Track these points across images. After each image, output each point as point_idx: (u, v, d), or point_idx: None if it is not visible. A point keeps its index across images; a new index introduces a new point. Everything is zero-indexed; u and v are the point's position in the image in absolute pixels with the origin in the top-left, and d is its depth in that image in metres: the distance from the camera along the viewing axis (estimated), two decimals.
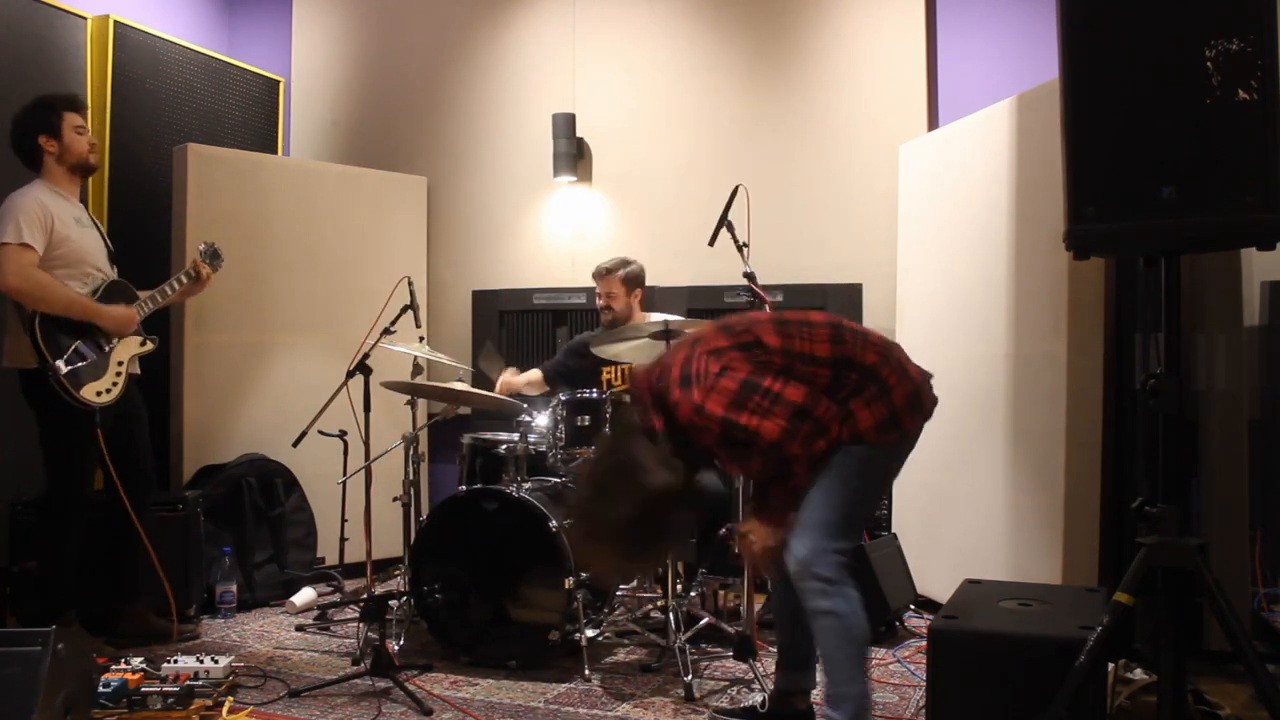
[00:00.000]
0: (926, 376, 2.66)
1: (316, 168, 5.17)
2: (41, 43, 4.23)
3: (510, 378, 4.28)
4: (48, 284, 3.39)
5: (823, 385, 2.46)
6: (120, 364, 3.57)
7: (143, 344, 3.67)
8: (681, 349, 2.58)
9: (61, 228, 3.46)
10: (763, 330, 2.52)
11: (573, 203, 5.17)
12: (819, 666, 2.69)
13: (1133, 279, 3.37)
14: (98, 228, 3.71)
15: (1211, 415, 3.15)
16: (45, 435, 3.51)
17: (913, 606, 4.00)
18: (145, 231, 4.52)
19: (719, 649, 3.53)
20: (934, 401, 2.66)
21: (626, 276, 4.12)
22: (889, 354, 2.58)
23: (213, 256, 3.86)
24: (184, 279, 3.76)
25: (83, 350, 3.45)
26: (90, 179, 4.37)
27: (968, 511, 3.92)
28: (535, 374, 4.33)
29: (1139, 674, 2.68)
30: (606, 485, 2.40)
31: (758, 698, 2.88)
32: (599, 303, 4.19)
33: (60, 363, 3.37)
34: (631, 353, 3.73)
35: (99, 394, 3.47)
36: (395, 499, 3.84)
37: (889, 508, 4.50)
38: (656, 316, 3.87)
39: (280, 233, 4.75)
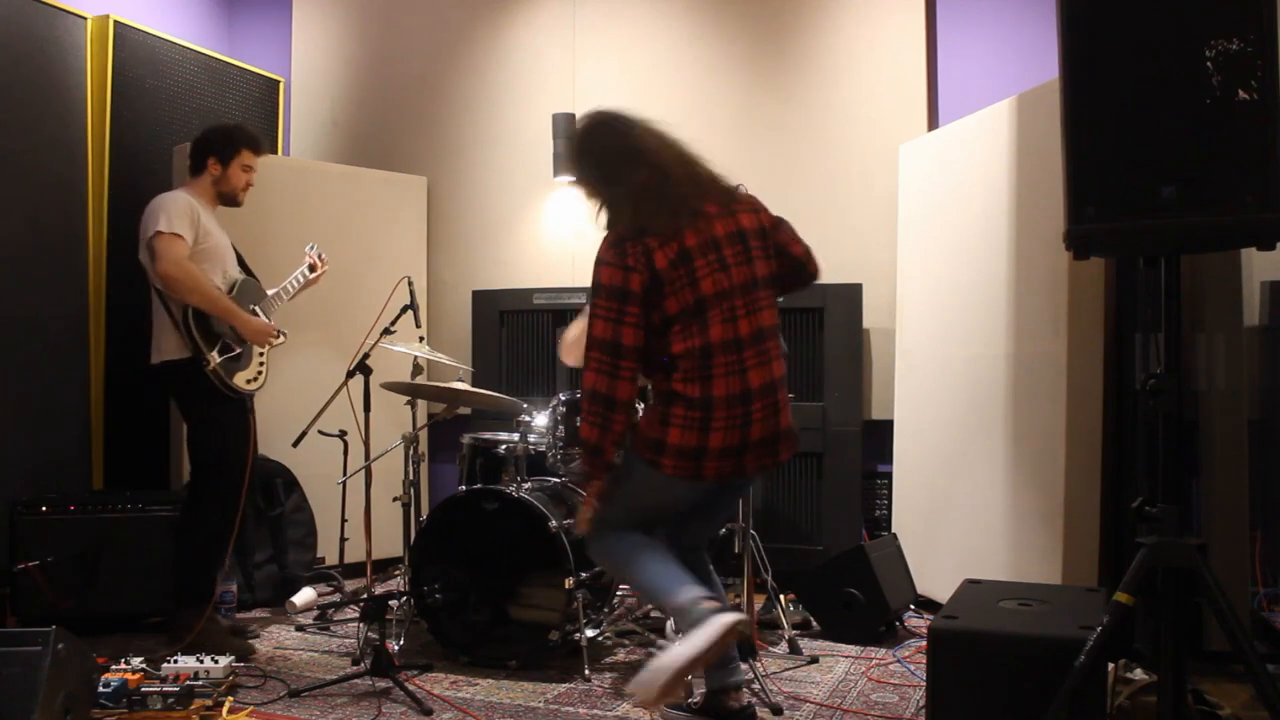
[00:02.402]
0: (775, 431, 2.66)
1: (316, 168, 5.17)
2: (41, 43, 4.23)
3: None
4: (199, 276, 3.50)
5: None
6: (262, 354, 3.73)
7: (277, 337, 3.76)
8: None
9: (207, 223, 3.60)
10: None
11: (573, 203, 5.16)
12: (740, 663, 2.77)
13: (1133, 279, 3.37)
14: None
15: (1211, 415, 3.15)
16: (199, 428, 3.60)
17: (913, 606, 4.00)
18: None
19: None
20: (759, 464, 2.67)
21: None
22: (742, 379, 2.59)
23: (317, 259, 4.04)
24: (301, 279, 3.91)
25: (229, 343, 3.57)
26: (91, 179, 4.40)
27: (968, 511, 3.92)
28: None
29: (1139, 674, 2.68)
30: None
31: (696, 696, 2.89)
32: None
33: (215, 353, 3.50)
34: None
35: (249, 381, 3.65)
36: (395, 499, 3.84)
37: (889, 508, 4.51)
38: None
39: (280, 233, 4.74)
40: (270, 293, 3.81)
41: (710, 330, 2.57)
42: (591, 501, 2.64)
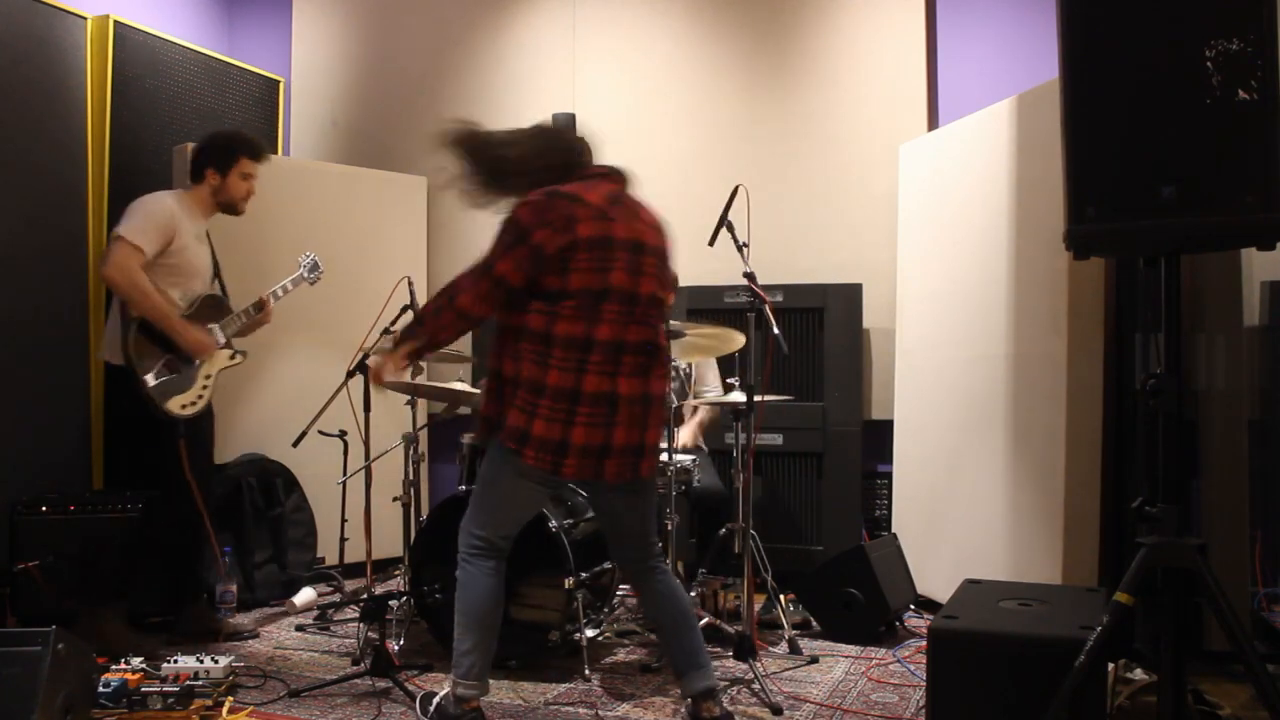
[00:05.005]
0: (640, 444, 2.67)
1: (316, 168, 5.17)
2: (41, 43, 4.23)
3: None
4: (145, 287, 3.48)
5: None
6: (208, 377, 3.69)
7: (232, 358, 3.77)
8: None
9: (180, 240, 3.59)
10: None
11: None
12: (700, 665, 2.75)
13: (1133, 279, 3.37)
14: (211, 247, 3.82)
15: (1211, 415, 3.15)
16: (132, 433, 3.65)
17: (913, 606, 4.00)
18: None
19: (719, 649, 3.52)
20: (623, 474, 2.67)
21: None
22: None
23: (313, 268, 4.03)
24: (251, 312, 3.83)
25: (173, 363, 3.56)
26: (91, 179, 4.39)
27: (968, 511, 3.92)
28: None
29: (1139, 674, 2.68)
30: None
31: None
32: None
33: (149, 376, 3.48)
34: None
35: (184, 406, 3.60)
36: (395, 499, 3.84)
37: (889, 508, 4.51)
38: None
39: (280, 233, 4.74)
40: (237, 311, 3.78)
41: (599, 326, 2.57)
42: (394, 358, 2.72)
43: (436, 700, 2.77)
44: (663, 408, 2.74)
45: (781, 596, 3.78)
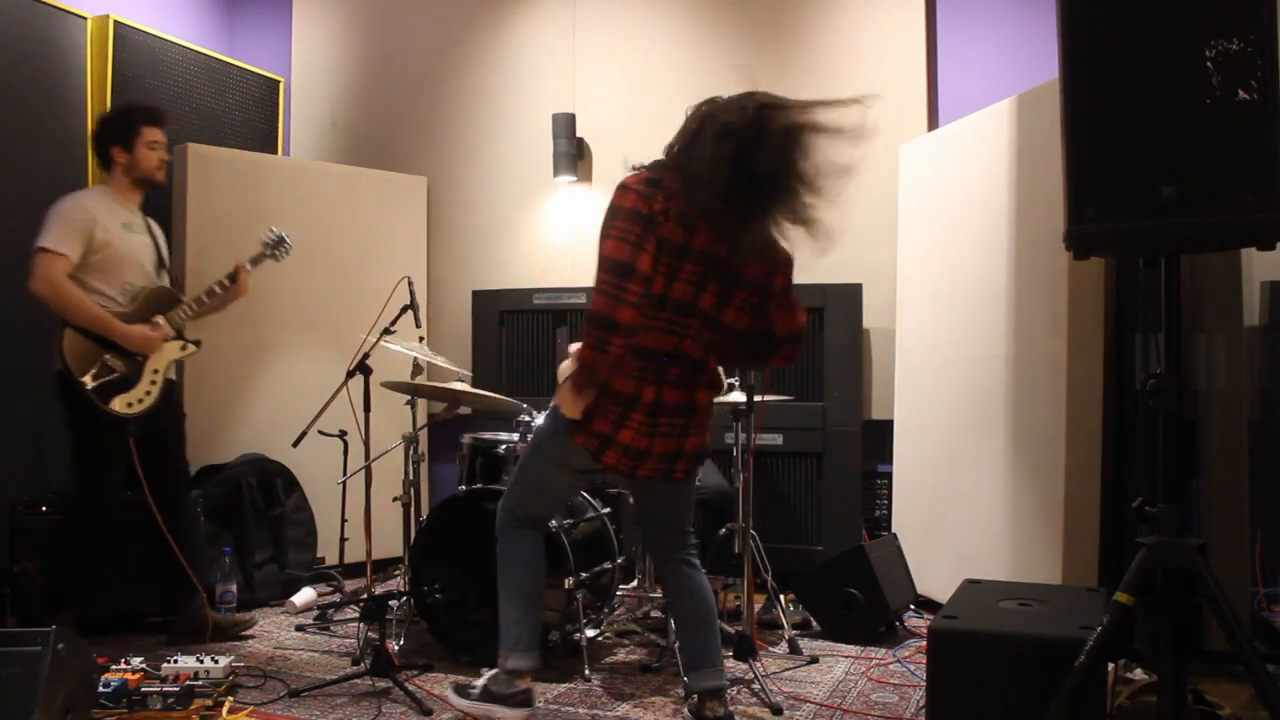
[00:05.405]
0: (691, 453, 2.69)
1: (316, 168, 5.17)
2: (41, 43, 4.23)
3: None
4: (72, 296, 3.40)
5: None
6: (155, 372, 3.58)
7: (183, 349, 3.67)
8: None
9: (103, 234, 3.48)
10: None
11: (573, 203, 5.17)
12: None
13: (1133, 279, 3.37)
14: (153, 234, 3.72)
15: (1211, 415, 3.15)
16: (75, 438, 3.52)
17: (913, 606, 4.00)
18: None
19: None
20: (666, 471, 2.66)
21: None
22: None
23: (278, 244, 3.83)
24: (217, 290, 3.72)
25: (112, 363, 3.46)
26: (91, 179, 4.38)
27: (968, 511, 3.92)
28: None
29: (1139, 674, 2.68)
30: None
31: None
32: None
33: (88, 378, 3.39)
34: None
35: (130, 405, 3.49)
36: (395, 499, 3.84)
37: (889, 508, 4.51)
38: None
39: None
40: (186, 300, 3.68)
41: (651, 334, 2.54)
42: (573, 389, 2.55)
43: (482, 682, 2.73)
44: (707, 415, 2.71)
45: (781, 596, 3.78)
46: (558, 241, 5.19)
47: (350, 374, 3.81)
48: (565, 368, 2.63)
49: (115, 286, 3.52)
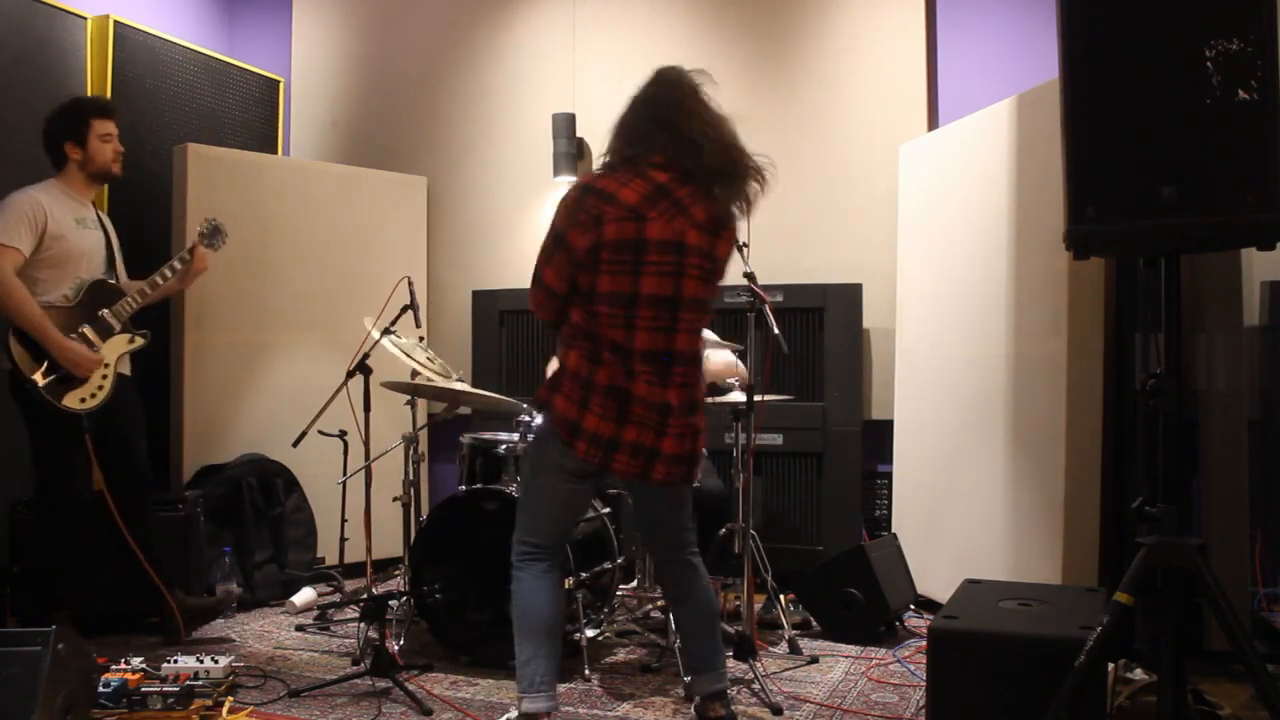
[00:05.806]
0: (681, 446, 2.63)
1: (316, 168, 5.17)
2: (41, 43, 4.23)
3: None
4: (16, 294, 3.35)
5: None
6: (106, 366, 3.54)
7: (131, 341, 3.63)
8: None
9: (55, 227, 3.45)
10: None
11: None
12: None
13: (1133, 279, 3.37)
14: (105, 230, 3.69)
15: (1211, 415, 3.15)
16: (32, 438, 3.51)
17: (913, 606, 4.00)
18: (145, 232, 4.50)
19: None
20: (661, 473, 2.62)
21: None
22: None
23: (213, 234, 3.79)
24: (177, 265, 3.69)
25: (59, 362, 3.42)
26: None
27: (968, 511, 3.92)
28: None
29: (1139, 674, 2.68)
30: None
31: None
32: None
33: (38, 375, 3.36)
34: None
35: (83, 400, 3.46)
36: (395, 499, 3.85)
37: (889, 508, 4.51)
38: None
39: (280, 233, 4.75)
40: (133, 286, 3.64)
41: (636, 334, 2.54)
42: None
43: None
44: (687, 417, 2.63)
45: (781, 596, 3.78)
46: None
47: (350, 374, 3.81)
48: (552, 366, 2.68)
49: (67, 282, 3.49)
